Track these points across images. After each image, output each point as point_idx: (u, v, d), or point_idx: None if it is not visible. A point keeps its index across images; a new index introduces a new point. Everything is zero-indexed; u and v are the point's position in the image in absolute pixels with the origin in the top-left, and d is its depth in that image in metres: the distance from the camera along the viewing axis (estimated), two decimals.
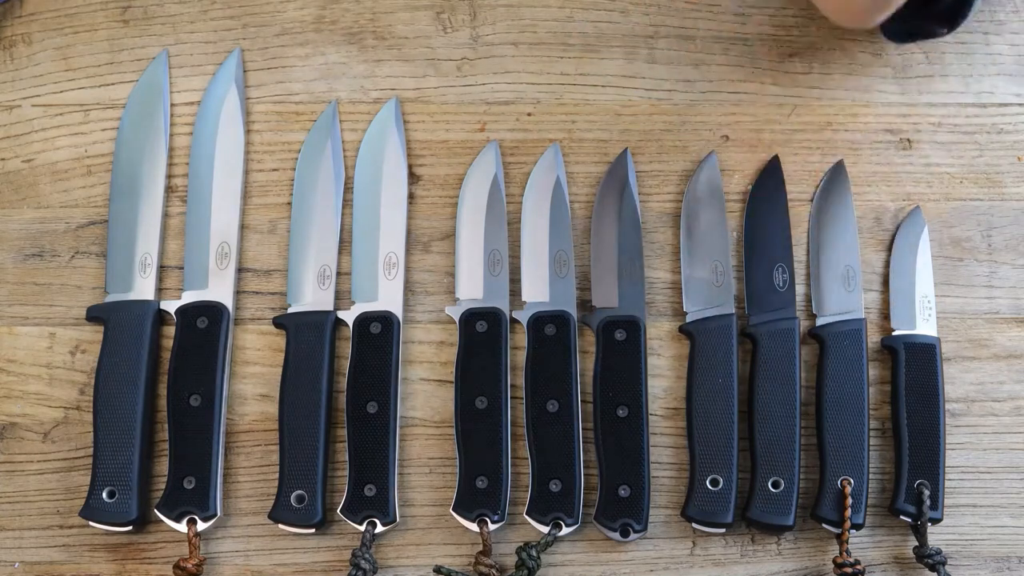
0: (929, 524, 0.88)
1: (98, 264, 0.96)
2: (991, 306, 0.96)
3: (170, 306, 0.93)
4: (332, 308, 0.94)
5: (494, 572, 0.88)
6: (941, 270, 0.96)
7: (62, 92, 0.99)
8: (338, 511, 0.89)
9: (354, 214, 0.97)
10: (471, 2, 1.02)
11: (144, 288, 0.93)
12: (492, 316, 0.93)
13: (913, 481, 0.89)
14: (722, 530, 0.89)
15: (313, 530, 0.89)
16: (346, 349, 0.93)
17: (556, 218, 0.96)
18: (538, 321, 0.93)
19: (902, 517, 0.89)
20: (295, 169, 0.98)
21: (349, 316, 0.93)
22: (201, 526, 0.88)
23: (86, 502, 0.88)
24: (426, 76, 1.00)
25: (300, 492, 0.89)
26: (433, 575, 0.88)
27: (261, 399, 0.93)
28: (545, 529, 0.89)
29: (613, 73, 1.00)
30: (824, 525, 0.89)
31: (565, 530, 0.89)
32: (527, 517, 0.89)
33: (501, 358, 0.92)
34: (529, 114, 1.00)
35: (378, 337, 0.92)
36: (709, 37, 1.01)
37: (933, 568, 0.88)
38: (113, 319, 0.92)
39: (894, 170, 0.99)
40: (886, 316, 0.95)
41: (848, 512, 0.88)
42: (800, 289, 0.96)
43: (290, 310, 0.94)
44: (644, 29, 1.01)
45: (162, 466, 0.91)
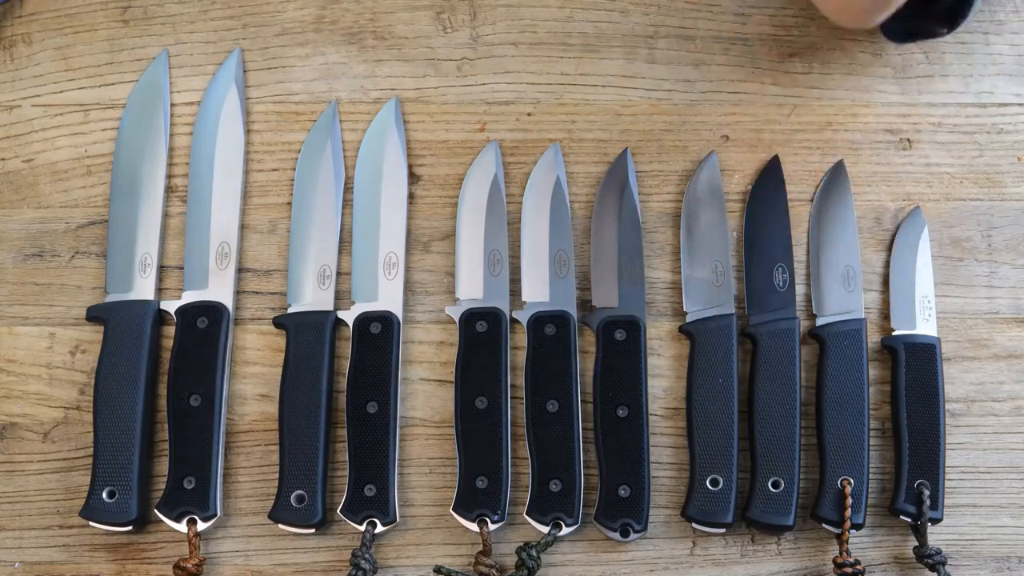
0: (929, 524, 0.88)
1: (98, 264, 0.96)
2: (991, 306, 0.96)
3: (170, 306, 0.93)
4: (332, 308, 0.94)
5: (494, 572, 0.87)
6: (941, 270, 0.96)
7: (62, 92, 0.99)
8: (338, 511, 0.89)
9: (354, 214, 0.97)
10: (471, 2, 1.02)
11: (144, 288, 0.93)
12: (492, 316, 0.93)
13: (913, 481, 0.89)
14: (722, 530, 0.89)
15: (313, 530, 0.89)
16: (346, 349, 0.93)
17: (556, 218, 0.96)
18: (538, 321, 0.93)
19: (902, 517, 0.89)
20: (295, 169, 0.98)
21: (349, 316, 0.93)
22: (201, 526, 0.88)
23: (86, 502, 0.88)
24: (426, 76, 1.00)
25: (300, 492, 0.89)
26: (433, 575, 0.88)
27: (261, 399, 0.93)
28: (545, 529, 0.89)
29: (613, 73, 1.00)
30: (824, 525, 0.89)
31: (565, 530, 0.89)
32: (527, 517, 0.89)
33: (501, 358, 0.92)
34: (529, 114, 1.00)
35: (378, 337, 0.92)
36: (709, 37, 1.01)
37: (933, 568, 0.88)
38: (113, 319, 0.92)
39: (894, 170, 0.99)
40: (886, 316, 0.95)
41: (848, 512, 0.88)
42: (800, 289, 0.96)
43: (290, 310, 0.94)
44: (644, 29, 1.01)
45: (162, 466, 0.91)
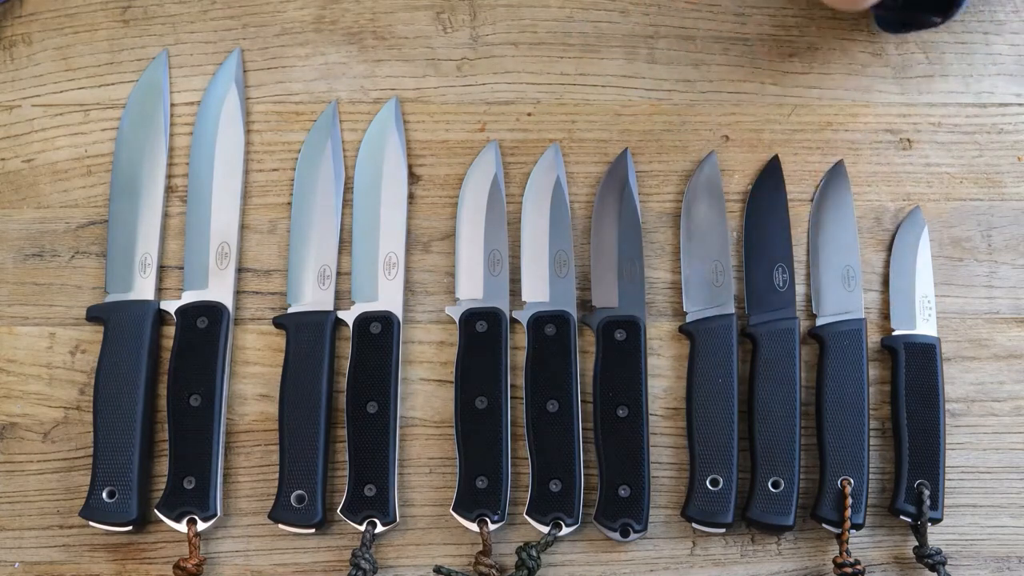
0: (929, 524, 0.88)
1: (98, 264, 0.96)
2: (991, 306, 0.96)
3: (170, 306, 0.93)
4: (332, 308, 0.94)
5: (494, 572, 0.87)
6: (941, 270, 0.96)
7: (62, 92, 0.99)
8: (338, 511, 0.89)
9: (354, 214, 0.97)
10: (471, 2, 1.02)
11: (144, 288, 0.93)
12: (492, 316, 0.93)
13: (913, 481, 0.89)
14: (722, 530, 0.89)
15: (313, 530, 0.89)
16: (346, 349, 0.93)
17: (556, 218, 0.96)
18: (538, 321, 0.93)
19: (902, 517, 0.89)
20: (295, 169, 0.98)
21: (349, 316, 0.93)
22: (201, 526, 0.88)
23: (86, 502, 0.88)
24: (426, 76, 1.00)
25: (300, 492, 0.89)
26: (433, 575, 0.88)
27: (261, 399, 0.93)
28: (545, 529, 0.89)
29: (613, 73, 1.00)
30: (824, 525, 0.89)
31: (565, 530, 0.89)
32: (527, 517, 0.89)
33: (501, 358, 0.92)
34: (529, 114, 1.00)
35: (378, 337, 0.92)
36: (709, 37, 1.01)
37: (933, 568, 0.88)
38: (113, 319, 0.92)
39: (894, 170, 0.99)
40: (886, 316, 0.95)
41: (848, 512, 0.88)
42: (800, 289, 0.96)
43: (290, 310, 0.94)
44: (644, 29, 1.01)
45: (162, 466, 0.91)
